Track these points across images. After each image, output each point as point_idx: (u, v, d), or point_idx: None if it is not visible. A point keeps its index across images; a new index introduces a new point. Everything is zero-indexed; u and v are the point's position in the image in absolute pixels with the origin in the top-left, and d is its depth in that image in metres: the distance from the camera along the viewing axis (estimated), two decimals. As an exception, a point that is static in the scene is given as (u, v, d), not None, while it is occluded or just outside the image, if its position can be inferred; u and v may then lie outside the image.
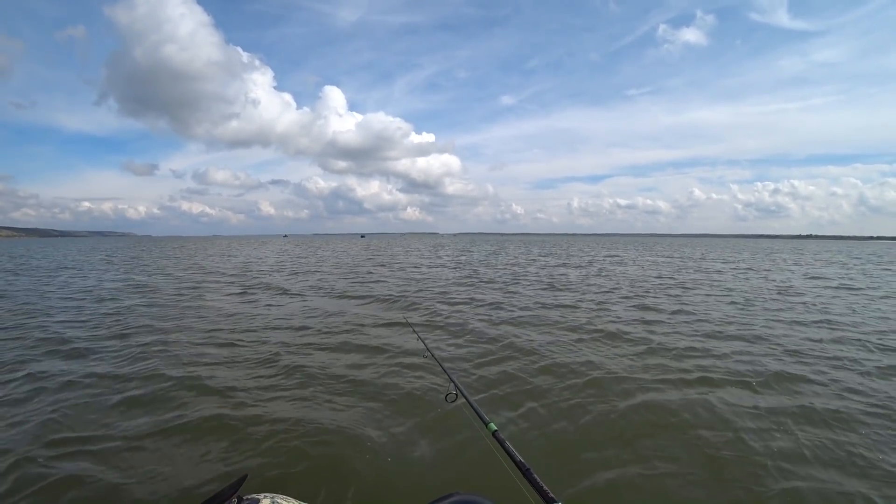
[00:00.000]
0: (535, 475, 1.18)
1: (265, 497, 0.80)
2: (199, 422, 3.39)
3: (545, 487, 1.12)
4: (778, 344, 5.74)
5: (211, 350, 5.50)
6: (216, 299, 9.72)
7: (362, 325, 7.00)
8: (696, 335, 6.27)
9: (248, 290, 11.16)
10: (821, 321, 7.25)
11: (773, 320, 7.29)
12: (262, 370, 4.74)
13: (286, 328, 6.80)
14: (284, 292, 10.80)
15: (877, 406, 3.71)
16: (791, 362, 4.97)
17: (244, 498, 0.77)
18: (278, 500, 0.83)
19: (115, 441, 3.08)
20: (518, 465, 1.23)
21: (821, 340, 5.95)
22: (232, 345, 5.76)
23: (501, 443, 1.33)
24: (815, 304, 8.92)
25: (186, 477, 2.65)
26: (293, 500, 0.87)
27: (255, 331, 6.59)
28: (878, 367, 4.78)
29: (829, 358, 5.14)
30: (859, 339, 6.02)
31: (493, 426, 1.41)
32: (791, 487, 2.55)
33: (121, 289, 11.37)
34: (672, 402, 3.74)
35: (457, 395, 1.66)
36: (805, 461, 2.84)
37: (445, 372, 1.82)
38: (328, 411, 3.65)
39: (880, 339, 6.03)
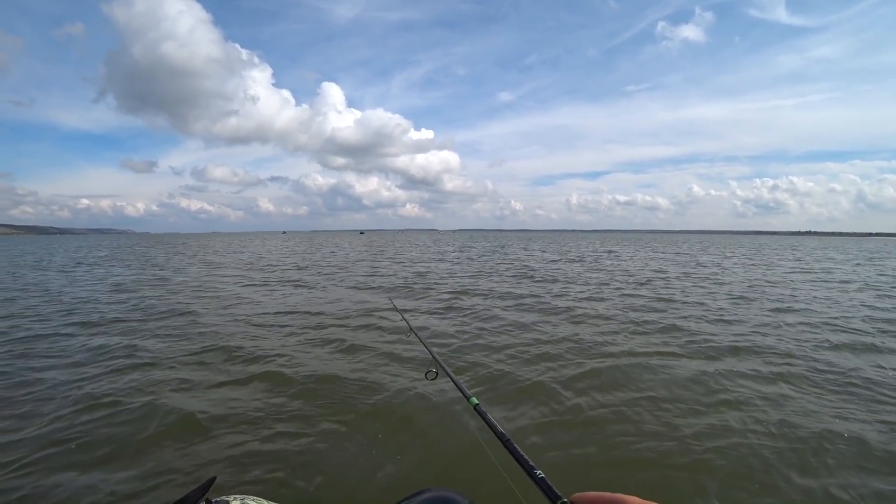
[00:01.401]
0: (516, 445, 1.12)
1: (234, 499, 0.78)
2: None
3: (525, 456, 1.06)
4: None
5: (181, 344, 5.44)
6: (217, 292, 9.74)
7: (353, 312, 7.13)
8: (680, 319, 6.62)
9: (250, 281, 11.20)
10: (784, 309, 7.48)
11: (755, 311, 7.44)
12: (235, 362, 4.58)
13: (270, 314, 6.78)
14: (291, 283, 10.86)
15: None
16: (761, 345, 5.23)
17: (213, 501, 0.74)
18: (248, 502, 0.80)
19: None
20: (498, 435, 1.18)
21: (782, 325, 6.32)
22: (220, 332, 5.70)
23: (483, 415, 1.28)
24: (791, 296, 8.95)
25: (153, 478, 2.49)
26: (263, 501, 0.84)
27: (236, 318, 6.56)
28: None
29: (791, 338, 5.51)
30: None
31: (475, 400, 1.35)
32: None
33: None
34: (646, 379, 4.00)
35: (437, 372, 1.61)
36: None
37: (428, 350, 1.78)
38: (305, 400, 3.58)
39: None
